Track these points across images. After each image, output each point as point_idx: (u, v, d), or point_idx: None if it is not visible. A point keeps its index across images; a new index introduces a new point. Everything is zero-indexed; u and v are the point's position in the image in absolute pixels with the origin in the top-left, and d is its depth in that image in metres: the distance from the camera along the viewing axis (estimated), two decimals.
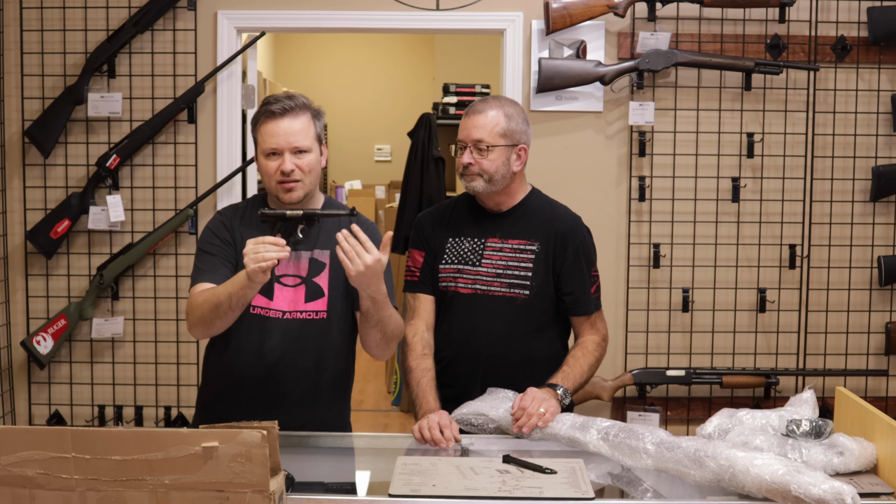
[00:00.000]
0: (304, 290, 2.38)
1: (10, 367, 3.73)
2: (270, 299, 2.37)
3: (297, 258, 2.39)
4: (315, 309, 2.39)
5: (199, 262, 2.41)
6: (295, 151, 2.32)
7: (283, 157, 2.31)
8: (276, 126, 2.31)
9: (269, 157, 2.32)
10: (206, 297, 2.28)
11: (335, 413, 2.48)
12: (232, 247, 2.40)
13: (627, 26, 3.61)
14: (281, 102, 2.32)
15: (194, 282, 2.39)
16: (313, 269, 2.39)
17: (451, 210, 2.66)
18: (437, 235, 2.62)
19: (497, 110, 2.50)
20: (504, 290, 2.53)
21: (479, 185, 2.51)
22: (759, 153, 3.65)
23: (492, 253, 2.55)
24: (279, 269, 2.37)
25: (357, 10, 3.63)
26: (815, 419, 2.04)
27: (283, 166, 2.31)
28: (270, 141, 2.31)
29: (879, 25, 3.52)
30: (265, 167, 2.34)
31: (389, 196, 7.35)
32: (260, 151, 2.35)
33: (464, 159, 2.49)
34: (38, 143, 3.58)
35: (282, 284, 2.38)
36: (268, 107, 2.33)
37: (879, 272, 3.63)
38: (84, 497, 1.64)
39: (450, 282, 2.57)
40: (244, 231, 2.40)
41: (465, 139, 2.50)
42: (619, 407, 3.69)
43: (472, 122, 2.49)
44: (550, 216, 2.59)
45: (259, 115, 2.35)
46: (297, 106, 2.34)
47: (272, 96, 2.37)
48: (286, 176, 2.31)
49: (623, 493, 2.06)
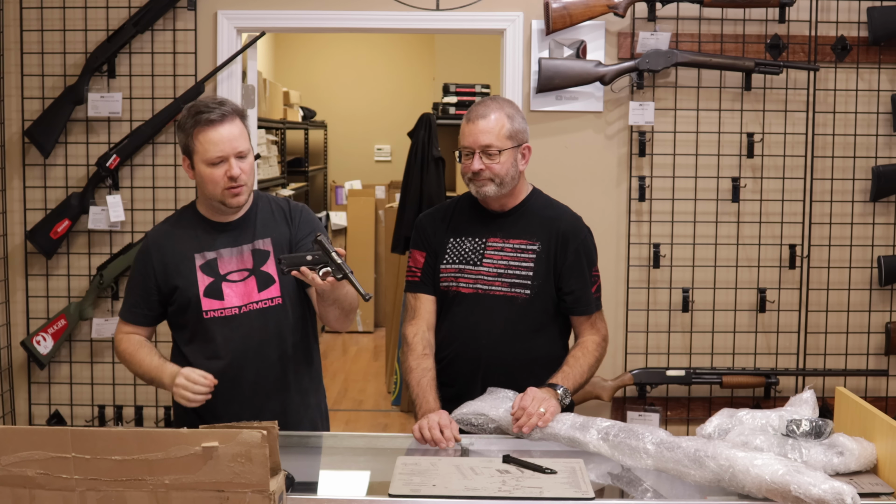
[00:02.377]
0: (255, 280, 2.42)
1: (10, 367, 3.73)
2: (221, 299, 2.41)
3: (240, 253, 2.43)
4: (269, 296, 2.43)
5: (125, 294, 2.53)
6: (238, 156, 2.34)
7: (230, 162, 2.32)
8: (216, 133, 2.31)
9: (213, 166, 2.32)
10: (130, 360, 2.46)
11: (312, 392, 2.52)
12: (150, 279, 2.45)
13: (627, 26, 3.61)
14: (217, 109, 2.32)
15: (120, 313, 2.52)
16: (258, 259, 2.43)
17: (451, 210, 2.66)
18: (439, 235, 2.62)
19: (499, 112, 2.49)
20: (505, 289, 2.53)
21: (491, 190, 2.51)
22: (759, 153, 3.65)
23: (493, 253, 2.55)
24: (223, 266, 2.42)
25: (357, 10, 3.63)
26: (815, 419, 2.04)
27: (230, 172, 2.32)
28: (214, 149, 2.31)
29: (879, 25, 3.52)
30: (209, 175, 2.33)
31: (389, 196, 7.35)
32: (200, 160, 2.33)
33: (474, 166, 2.48)
34: (38, 143, 3.58)
35: (229, 281, 2.42)
36: (205, 115, 2.31)
37: (879, 272, 3.63)
38: (84, 497, 1.64)
39: (451, 282, 2.57)
40: (169, 249, 2.44)
41: (473, 145, 2.48)
42: (619, 407, 3.69)
43: (477, 128, 2.48)
44: (552, 216, 2.59)
45: (194, 125, 2.32)
46: (232, 111, 2.35)
47: (200, 104, 2.36)
48: (234, 181, 2.33)
49: (623, 493, 2.06)
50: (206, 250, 2.42)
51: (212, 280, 2.41)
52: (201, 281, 2.41)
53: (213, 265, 2.41)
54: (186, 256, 2.42)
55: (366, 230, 7.37)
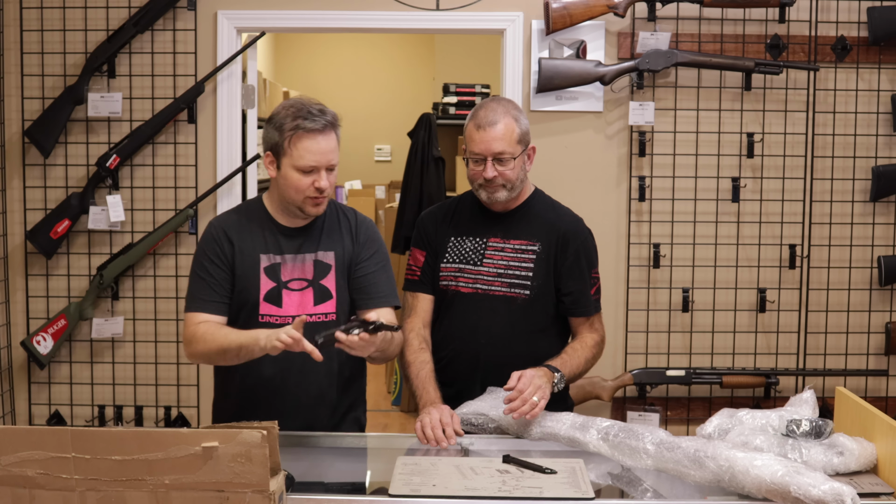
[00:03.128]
0: (312, 293, 2.38)
1: (10, 367, 3.73)
2: (279, 306, 2.36)
3: (303, 261, 2.39)
4: (324, 311, 2.39)
5: (193, 287, 2.39)
6: (328, 168, 2.31)
7: (320, 173, 2.29)
8: (316, 143, 2.28)
9: (303, 173, 2.29)
10: (213, 338, 2.27)
11: (353, 411, 2.50)
12: (227, 266, 2.37)
13: (627, 26, 3.61)
14: (320, 118, 2.29)
15: (189, 308, 2.37)
16: (319, 272, 2.39)
17: (453, 209, 2.67)
18: (440, 234, 2.63)
19: (507, 117, 2.48)
20: (505, 289, 2.53)
21: (503, 196, 2.51)
22: (759, 153, 3.65)
23: (493, 252, 2.55)
24: (285, 273, 2.37)
25: (357, 10, 3.63)
26: (815, 419, 2.04)
27: (319, 183, 2.29)
28: (310, 158, 2.28)
29: (879, 25, 3.52)
30: (296, 182, 2.29)
31: (389, 196, 7.35)
32: (292, 165, 2.29)
33: (487, 174, 2.47)
34: (38, 143, 3.58)
35: (289, 290, 2.37)
36: (307, 122, 2.28)
37: (879, 272, 3.63)
38: (84, 497, 1.64)
39: (451, 281, 2.58)
40: (242, 242, 2.38)
41: (485, 153, 2.47)
42: (619, 407, 3.69)
43: (489, 136, 2.46)
44: (552, 217, 2.60)
45: (295, 128, 2.28)
46: (332, 123, 2.32)
47: (302, 106, 2.31)
48: (320, 193, 2.31)
49: (623, 493, 2.06)
50: (272, 253, 2.38)
51: (274, 285, 2.36)
52: (264, 284, 2.36)
53: (276, 270, 2.37)
54: (253, 256, 2.37)
55: None
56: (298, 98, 2.37)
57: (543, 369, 2.37)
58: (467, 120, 2.55)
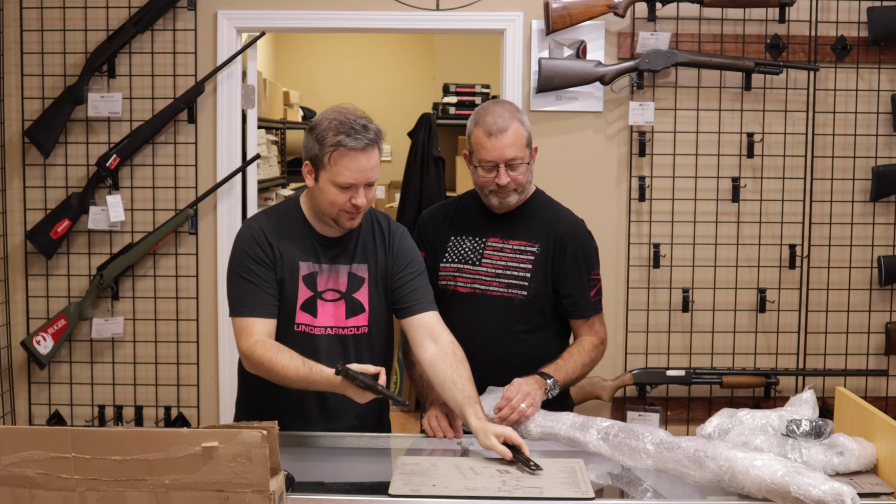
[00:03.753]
0: (345, 305, 2.36)
1: (10, 367, 3.73)
2: (314, 316, 2.35)
3: (336, 272, 2.37)
4: (356, 324, 2.37)
5: (238, 290, 2.32)
6: (367, 185, 2.27)
7: (358, 190, 2.25)
8: (357, 161, 2.23)
9: (341, 189, 2.25)
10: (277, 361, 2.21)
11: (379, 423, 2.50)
12: (271, 267, 2.32)
13: (627, 26, 3.61)
14: (362, 136, 2.23)
15: (238, 312, 2.31)
16: (353, 284, 2.37)
17: (454, 208, 2.67)
18: (440, 234, 2.63)
19: (515, 121, 2.46)
20: (503, 290, 2.54)
21: (514, 199, 2.51)
22: (759, 153, 3.64)
23: (492, 252, 2.56)
24: (321, 284, 2.35)
25: (357, 10, 3.63)
26: (815, 419, 2.04)
27: (356, 200, 2.25)
28: (350, 176, 2.23)
29: (879, 25, 3.52)
30: (333, 196, 2.25)
31: (389, 196, 7.35)
32: (330, 179, 2.24)
33: (502, 180, 2.45)
34: (38, 143, 3.58)
35: (324, 300, 2.36)
36: (349, 139, 2.22)
37: (879, 272, 3.63)
38: (84, 497, 1.64)
39: (449, 280, 2.58)
40: (282, 246, 2.34)
41: (498, 160, 2.44)
42: (619, 407, 3.69)
43: (501, 143, 2.43)
44: (552, 218, 2.60)
45: (337, 144, 2.23)
46: (375, 140, 2.26)
47: (348, 123, 2.25)
48: (357, 210, 2.28)
49: (623, 493, 2.06)
50: (311, 261, 2.35)
51: (311, 294, 2.34)
52: (301, 292, 2.34)
53: (314, 278, 2.35)
54: (294, 262, 2.34)
55: None
56: (343, 108, 2.30)
57: (535, 377, 2.38)
58: (471, 126, 2.51)
